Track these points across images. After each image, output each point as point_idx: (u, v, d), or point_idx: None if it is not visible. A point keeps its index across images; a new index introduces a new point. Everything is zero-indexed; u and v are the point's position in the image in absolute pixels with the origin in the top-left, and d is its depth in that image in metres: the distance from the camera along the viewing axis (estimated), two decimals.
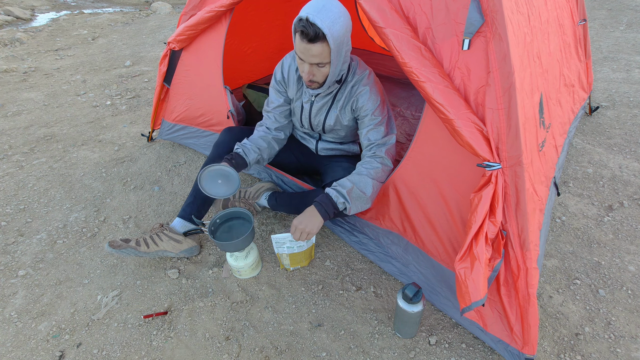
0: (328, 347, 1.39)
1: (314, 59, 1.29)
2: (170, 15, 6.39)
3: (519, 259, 1.17)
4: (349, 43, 1.34)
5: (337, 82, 1.47)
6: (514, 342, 1.25)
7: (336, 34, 1.23)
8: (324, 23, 1.19)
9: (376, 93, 1.47)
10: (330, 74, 1.36)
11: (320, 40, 1.23)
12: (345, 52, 1.34)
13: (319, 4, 1.22)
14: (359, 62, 1.51)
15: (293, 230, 1.40)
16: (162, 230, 1.70)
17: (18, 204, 2.13)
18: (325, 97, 1.54)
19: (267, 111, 1.70)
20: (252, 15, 2.65)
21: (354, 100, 1.49)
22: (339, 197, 1.39)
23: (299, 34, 1.24)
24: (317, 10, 1.20)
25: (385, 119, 1.49)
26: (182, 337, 1.43)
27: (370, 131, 1.48)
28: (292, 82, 1.59)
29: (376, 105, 1.46)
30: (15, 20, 6.54)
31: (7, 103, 3.33)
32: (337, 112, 1.55)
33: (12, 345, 1.43)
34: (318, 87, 1.45)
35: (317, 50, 1.25)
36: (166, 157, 2.48)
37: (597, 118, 2.73)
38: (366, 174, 1.43)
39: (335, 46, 1.25)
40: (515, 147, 1.10)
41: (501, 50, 1.08)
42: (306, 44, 1.24)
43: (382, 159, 1.46)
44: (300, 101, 1.62)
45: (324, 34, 1.21)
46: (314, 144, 1.78)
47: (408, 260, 1.55)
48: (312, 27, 1.20)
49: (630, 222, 1.86)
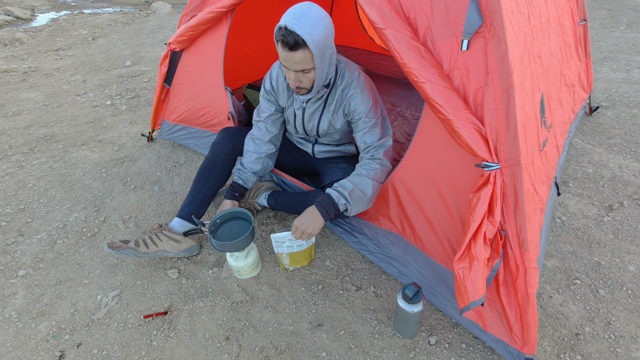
0: (328, 347, 1.39)
1: (298, 66, 1.28)
2: (170, 16, 6.39)
3: (518, 259, 1.17)
4: (333, 46, 1.34)
5: (326, 86, 1.47)
6: (513, 342, 1.25)
7: (317, 39, 1.22)
8: (303, 30, 1.19)
9: (367, 95, 1.46)
10: (316, 78, 1.35)
11: (301, 47, 1.22)
12: (330, 55, 1.33)
13: (297, 11, 1.21)
14: (347, 63, 1.49)
15: (294, 230, 1.40)
16: (161, 231, 1.70)
17: (18, 204, 2.13)
18: (317, 102, 1.53)
19: (257, 121, 1.70)
20: (252, 15, 2.65)
21: (346, 104, 1.49)
22: (340, 198, 1.39)
23: (280, 42, 1.24)
24: (295, 18, 1.20)
25: (380, 120, 1.48)
26: (182, 337, 1.43)
27: (365, 134, 1.48)
28: (281, 91, 1.59)
29: (369, 108, 1.46)
30: (15, 20, 6.54)
31: (7, 103, 3.33)
32: (330, 116, 1.55)
33: (12, 345, 1.43)
34: (307, 93, 1.45)
35: (299, 58, 1.25)
36: (166, 157, 2.48)
37: (597, 118, 2.73)
38: (366, 175, 1.43)
39: (317, 51, 1.25)
40: (514, 147, 1.10)
41: (500, 51, 1.08)
42: (288, 52, 1.24)
43: (380, 160, 1.46)
44: (292, 108, 1.62)
45: (303, 40, 1.20)
46: (310, 147, 1.79)
47: (407, 261, 1.55)
48: (291, 35, 1.19)
49: (630, 222, 1.86)
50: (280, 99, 1.63)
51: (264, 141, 1.70)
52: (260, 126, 1.69)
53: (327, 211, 1.40)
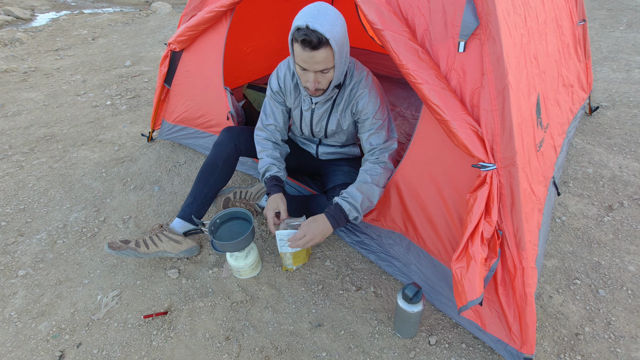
0: (328, 347, 1.39)
1: (319, 66, 1.26)
2: (170, 15, 6.39)
3: (515, 258, 1.17)
4: (348, 44, 1.34)
5: (337, 86, 1.46)
6: (512, 341, 1.25)
7: (337, 37, 1.22)
8: (324, 28, 1.18)
9: (375, 95, 1.46)
10: (334, 78, 1.34)
11: (324, 45, 1.21)
12: (346, 53, 1.33)
13: (314, 10, 1.20)
14: (356, 63, 1.50)
15: (301, 236, 1.39)
16: (162, 231, 1.70)
17: (18, 204, 2.13)
18: (326, 103, 1.52)
19: (267, 125, 1.66)
20: (251, 14, 2.65)
21: (354, 103, 1.48)
22: (352, 211, 1.39)
23: (300, 43, 1.21)
24: (314, 17, 1.19)
25: (386, 123, 1.48)
26: (182, 337, 1.43)
27: (371, 135, 1.47)
28: (289, 91, 1.58)
29: (376, 108, 1.45)
30: (15, 20, 6.54)
31: (7, 103, 3.33)
32: (338, 116, 1.54)
33: (12, 345, 1.43)
34: (322, 94, 1.44)
35: (321, 57, 1.23)
36: (166, 157, 2.48)
37: (597, 118, 2.73)
38: (372, 182, 1.42)
39: (338, 48, 1.24)
40: (510, 148, 1.10)
41: (495, 53, 1.08)
42: (309, 52, 1.22)
43: (385, 163, 1.45)
44: (299, 109, 1.61)
45: (326, 38, 1.19)
46: (314, 148, 1.77)
47: (409, 260, 1.56)
48: (314, 34, 1.18)
49: (630, 222, 1.86)
50: (288, 100, 1.61)
51: (279, 140, 1.67)
52: (270, 129, 1.66)
53: (338, 222, 1.40)
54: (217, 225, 1.60)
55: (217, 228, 1.60)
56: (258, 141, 1.67)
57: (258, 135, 1.68)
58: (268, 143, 1.65)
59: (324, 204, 1.60)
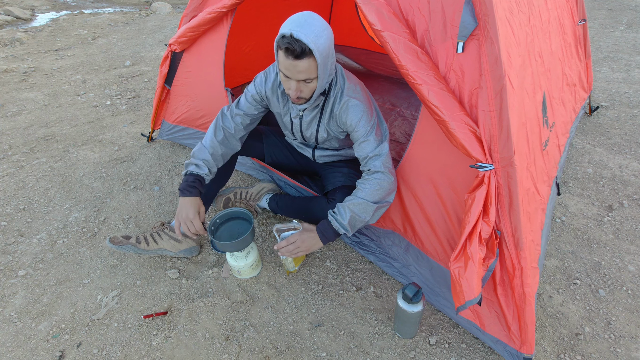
0: (328, 347, 1.39)
1: (301, 75, 1.25)
2: (170, 16, 6.39)
3: (514, 258, 1.17)
4: (334, 55, 1.32)
5: (322, 94, 1.44)
6: (511, 341, 1.25)
7: (321, 48, 1.20)
8: (308, 38, 1.16)
9: (360, 103, 1.41)
10: (317, 88, 1.33)
11: (307, 55, 1.19)
12: (331, 64, 1.31)
13: (301, 19, 1.19)
14: (341, 70, 1.46)
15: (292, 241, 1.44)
16: (163, 229, 1.70)
17: (18, 204, 2.13)
18: (313, 110, 1.50)
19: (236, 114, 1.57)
20: (250, 14, 2.65)
21: (339, 114, 1.45)
22: (340, 229, 1.41)
23: (284, 51, 1.20)
24: (299, 26, 1.17)
25: (374, 128, 1.42)
26: (182, 337, 1.43)
27: (362, 144, 1.42)
28: (275, 98, 1.55)
29: (359, 117, 1.40)
30: (15, 20, 6.54)
31: (7, 103, 3.33)
32: (325, 125, 1.53)
33: (12, 345, 1.43)
34: (305, 103, 1.42)
35: (303, 66, 1.22)
36: (166, 157, 2.48)
37: (597, 118, 2.73)
38: (363, 198, 1.38)
39: (322, 60, 1.22)
40: (507, 148, 1.11)
41: (492, 53, 1.08)
42: (292, 61, 1.20)
43: (379, 174, 1.39)
44: (288, 116, 1.59)
45: (310, 49, 1.18)
46: (310, 152, 1.76)
47: (408, 261, 1.56)
48: (297, 43, 1.16)
49: (630, 222, 1.86)
50: (273, 106, 1.58)
51: (235, 138, 1.59)
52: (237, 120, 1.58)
53: (327, 237, 1.44)
54: (217, 225, 1.60)
55: (217, 228, 1.60)
56: (217, 123, 1.57)
57: (221, 118, 1.58)
58: (221, 133, 1.55)
59: (325, 206, 1.60)
